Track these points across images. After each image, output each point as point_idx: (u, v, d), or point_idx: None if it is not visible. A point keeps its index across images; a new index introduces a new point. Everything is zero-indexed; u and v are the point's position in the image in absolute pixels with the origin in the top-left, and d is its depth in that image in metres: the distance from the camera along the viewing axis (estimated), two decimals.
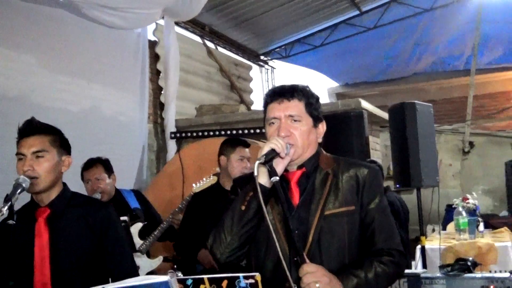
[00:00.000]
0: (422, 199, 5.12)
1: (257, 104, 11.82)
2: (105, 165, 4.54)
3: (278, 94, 2.34)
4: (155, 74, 8.18)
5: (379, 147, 9.18)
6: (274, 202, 2.27)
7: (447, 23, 11.20)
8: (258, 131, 6.88)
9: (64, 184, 2.80)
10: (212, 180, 4.55)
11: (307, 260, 2.07)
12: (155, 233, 4.60)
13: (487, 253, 5.00)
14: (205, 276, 1.85)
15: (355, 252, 2.27)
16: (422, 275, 3.66)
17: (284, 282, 2.17)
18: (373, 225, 2.28)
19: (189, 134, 7.43)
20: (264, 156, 2.13)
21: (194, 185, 4.56)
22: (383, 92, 12.73)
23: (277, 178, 2.12)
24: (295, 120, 2.29)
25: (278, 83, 12.81)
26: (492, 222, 6.71)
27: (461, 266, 3.61)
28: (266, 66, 12.94)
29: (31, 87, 5.77)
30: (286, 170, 2.28)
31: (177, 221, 4.67)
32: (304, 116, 2.31)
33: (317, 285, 2.01)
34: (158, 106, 8.17)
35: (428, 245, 5.28)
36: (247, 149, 4.42)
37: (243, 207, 2.20)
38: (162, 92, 8.09)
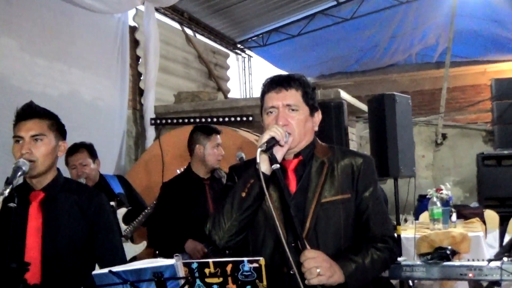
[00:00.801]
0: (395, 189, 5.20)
1: (234, 92, 11.83)
2: (90, 150, 4.52)
3: (276, 83, 2.36)
4: (135, 60, 8.10)
5: (355, 137, 9.28)
6: (271, 190, 2.31)
7: (422, 16, 11.32)
8: (238, 119, 6.91)
9: (58, 169, 2.80)
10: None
11: (308, 246, 2.12)
12: (139, 218, 4.60)
13: (460, 242, 5.09)
14: (210, 260, 1.90)
15: (350, 238, 2.33)
16: (403, 263, 3.75)
17: (282, 267, 2.25)
18: (368, 212, 2.35)
19: (169, 121, 7.40)
20: (266, 144, 2.16)
21: (178, 171, 4.55)
22: (357, 83, 12.86)
23: (278, 165, 2.16)
24: (292, 110, 2.33)
25: (254, 71, 12.88)
26: (463, 213, 6.82)
27: (440, 254, 3.72)
28: (243, 54, 12.93)
29: (10, 71, 5.69)
30: (283, 159, 2.31)
31: None
32: (301, 105, 2.35)
33: (318, 270, 2.07)
34: (137, 92, 8.09)
35: (403, 234, 5.38)
36: (219, 136, 4.39)
37: (243, 194, 2.23)
38: (141, 78, 8.04)
